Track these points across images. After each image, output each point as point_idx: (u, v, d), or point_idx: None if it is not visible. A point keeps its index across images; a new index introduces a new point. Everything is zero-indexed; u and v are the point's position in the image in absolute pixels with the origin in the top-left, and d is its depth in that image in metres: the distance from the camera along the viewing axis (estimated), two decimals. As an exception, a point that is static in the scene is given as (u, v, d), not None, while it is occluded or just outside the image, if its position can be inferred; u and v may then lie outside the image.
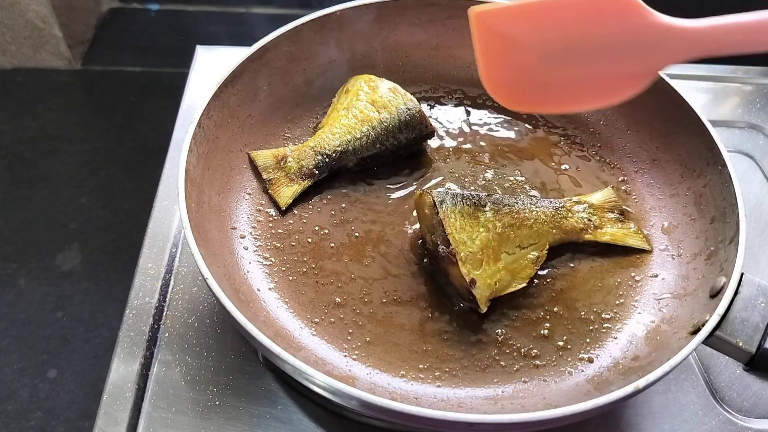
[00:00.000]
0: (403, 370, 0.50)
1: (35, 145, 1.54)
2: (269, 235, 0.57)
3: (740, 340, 0.46)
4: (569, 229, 0.57)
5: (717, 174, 0.56)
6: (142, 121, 1.61)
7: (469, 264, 0.51)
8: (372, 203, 0.60)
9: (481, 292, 0.51)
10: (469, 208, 0.53)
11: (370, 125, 0.61)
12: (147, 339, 0.55)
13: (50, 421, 1.14)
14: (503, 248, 0.53)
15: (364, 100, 0.62)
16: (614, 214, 0.59)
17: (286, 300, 0.53)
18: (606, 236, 0.58)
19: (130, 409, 0.51)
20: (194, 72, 0.77)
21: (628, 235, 0.58)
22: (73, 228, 1.40)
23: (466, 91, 0.71)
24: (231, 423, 0.50)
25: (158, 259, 0.60)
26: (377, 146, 0.61)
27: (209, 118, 0.57)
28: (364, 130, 0.61)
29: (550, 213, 0.56)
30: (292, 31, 0.63)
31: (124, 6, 1.90)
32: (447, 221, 0.51)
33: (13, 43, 1.66)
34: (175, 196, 0.51)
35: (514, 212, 0.55)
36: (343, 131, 0.61)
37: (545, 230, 0.56)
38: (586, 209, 0.58)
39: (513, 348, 0.51)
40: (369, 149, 0.61)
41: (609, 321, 0.53)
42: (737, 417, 0.54)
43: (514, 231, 0.54)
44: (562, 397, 0.48)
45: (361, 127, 0.61)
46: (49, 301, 1.29)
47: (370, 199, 0.61)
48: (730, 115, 0.77)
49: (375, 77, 0.64)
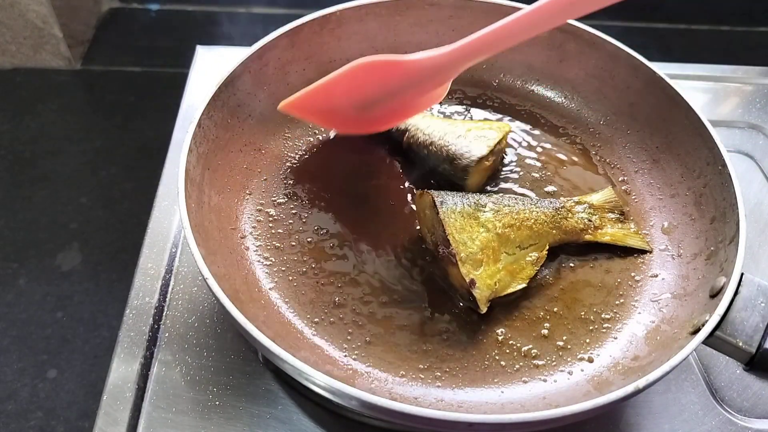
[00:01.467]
0: (403, 370, 0.50)
1: (35, 145, 1.54)
2: (269, 235, 0.57)
3: (740, 340, 0.46)
4: (569, 229, 0.57)
5: (717, 174, 0.56)
6: (142, 121, 1.61)
7: (469, 264, 0.51)
8: (372, 203, 0.60)
9: (480, 292, 0.51)
10: (469, 209, 0.53)
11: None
12: (147, 339, 0.55)
13: (50, 421, 1.14)
14: (503, 249, 0.53)
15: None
16: (614, 214, 0.59)
17: (286, 300, 0.53)
18: (606, 237, 0.58)
19: (130, 409, 0.51)
20: (194, 72, 0.77)
21: (628, 236, 0.58)
22: (73, 228, 1.40)
23: (466, 91, 0.71)
24: (231, 423, 0.50)
25: (158, 259, 0.60)
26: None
27: (209, 118, 0.57)
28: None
29: (551, 213, 0.56)
30: (292, 31, 0.63)
31: (124, 6, 1.90)
32: (447, 221, 0.51)
33: (13, 43, 1.66)
34: (175, 196, 0.51)
35: (514, 213, 0.55)
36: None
37: (545, 231, 0.55)
38: (586, 209, 0.58)
39: (513, 348, 0.51)
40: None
41: (609, 321, 0.53)
42: (737, 417, 0.54)
43: (514, 231, 0.54)
44: (562, 397, 0.48)
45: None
46: (49, 301, 1.29)
47: (370, 199, 0.60)
48: (730, 115, 0.77)
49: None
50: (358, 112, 0.60)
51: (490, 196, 0.56)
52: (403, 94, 0.58)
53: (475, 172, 0.59)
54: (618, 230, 0.58)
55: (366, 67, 0.56)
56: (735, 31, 1.85)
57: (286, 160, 0.63)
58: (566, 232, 0.57)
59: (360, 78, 0.57)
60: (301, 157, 0.63)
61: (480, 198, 0.55)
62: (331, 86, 0.58)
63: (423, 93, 0.58)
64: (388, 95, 0.58)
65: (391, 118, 0.62)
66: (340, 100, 0.60)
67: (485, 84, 0.71)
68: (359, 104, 0.59)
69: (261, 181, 0.60)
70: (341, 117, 0.61)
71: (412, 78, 0.56)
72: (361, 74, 0.56)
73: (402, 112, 0.61)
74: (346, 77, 0.56)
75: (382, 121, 0.62)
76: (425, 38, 0.70)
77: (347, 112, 0.61)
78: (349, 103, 0.60)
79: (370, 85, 0.57)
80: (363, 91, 0.58)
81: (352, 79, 0.57)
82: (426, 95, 0.59)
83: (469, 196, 0.54)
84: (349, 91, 0.58)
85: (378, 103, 0.59)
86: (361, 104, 0.59)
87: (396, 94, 0.58)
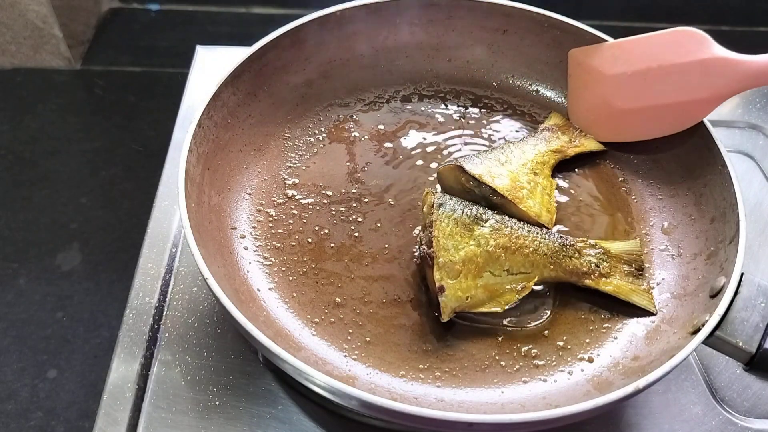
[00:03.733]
0: (403, 370, 0.50)
1: (35, 145, 1.54)
2: (269, 235, 0.57)
3: (740, 340, 0.46)
4: (570, 269, 0.53)
5: (717, 174, 0.56)
6: (142, 121, 1.61)
7: (445, 271, 0.50)
8: (373, 203, 0.60)
9: (446, 301, 0.50)
10: (466, 218, 0.52)
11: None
12: (147, 339, 0.55)
13: (50, 421, 1.14)
14: (489, 267, 0.51)
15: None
16: (631, 267, 0.55)
17: (286, 300, 0.53)
18: (609, 286, 0.54)
19: (130, 409, 0.51)
20: (194, 72, 0.77)
21: (634, 292, 0.54)
22: (73, 228, 1.40)
23: (466, 91, 0.71)
24: (231, 423, 0.50)
25: (158, 259, 0.60)
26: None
27: (209, 118, 0.57)
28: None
29: (554, 247, 0.53)
30: (292, 31, 0.63)
31: (124, 6, 1.90)
32: (437, 224, 0.51)
33: (13, 43, 1.66)
34: (175, 196, 0.51)
35: (513, 236, 0.53)
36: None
37: (541, 263, 0.53)
38: (598, 254, 0.55)
39: (513, 348, 0.51)
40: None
41: (609, 321, 0.53)
42: (737, 417, 0.54)
43: (506, 254, 0.52)
44: (562, 397, 0.48)
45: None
46: (49, 301, 1.29)
47: (370, 199, 0.60)
48: (730, 115, 0.77)
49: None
50: (618, 96, 0.62)
51: (500, 214, 0.54)
52: (677, 89, 0.58)
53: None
54: (626, 284, 0.54)
55: (689, 35, 0.57)
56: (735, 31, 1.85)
57: (286, 160, 0.63)
58: (566, 271, 0.53)
59: (677, 44, 0.58)
60: (301, 157, 0.63)
61: (485, 212, 0.53)
62: (643, 42, 0.60)
63: (694, 98, 0.58)
64: (666, 81, 0.59)
65: (639, 124, 0.62)
66: (621, 64, 0.61)
67: (485, 84, 0.71)
68: (630, 81, 0.61)
69: (261, 181, 0.60)
70: (599, 93, 0.63)
71: (710, 68, 0.56)
72: (683, 40, 0.58)
73: (654, 118, 0.61)
74: (665, 36, 0.59)
75: (626, 123, 0.63)
76: (425, 38, 0.70)
77: (610, 88, 0.62)
78: (625, 71, 0.61)
79: (665, 54, 0.58)
80: (651, 60, 0.59)
81: (670, 40, 0.58)
82: (690, 107, 0.58)
83: (473, 207, 0.53)
84: (639, 54, 0.60)
85: (645, 92, 0.60)
86: (631, 83, 0.61)
87: (674, 82, 0.58)
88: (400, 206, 0.60)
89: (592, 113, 0.65)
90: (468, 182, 0.57)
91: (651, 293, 0.54)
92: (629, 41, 0.62)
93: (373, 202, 0.60)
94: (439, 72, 0.71)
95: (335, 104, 0.68)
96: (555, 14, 0.67)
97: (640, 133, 0.64)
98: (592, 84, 0.64)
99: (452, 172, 0.58)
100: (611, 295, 0.54)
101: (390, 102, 0.69)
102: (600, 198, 0.62)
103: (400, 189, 0.61)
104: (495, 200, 0.56)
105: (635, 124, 0.63)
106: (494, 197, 0.56)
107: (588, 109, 0.66)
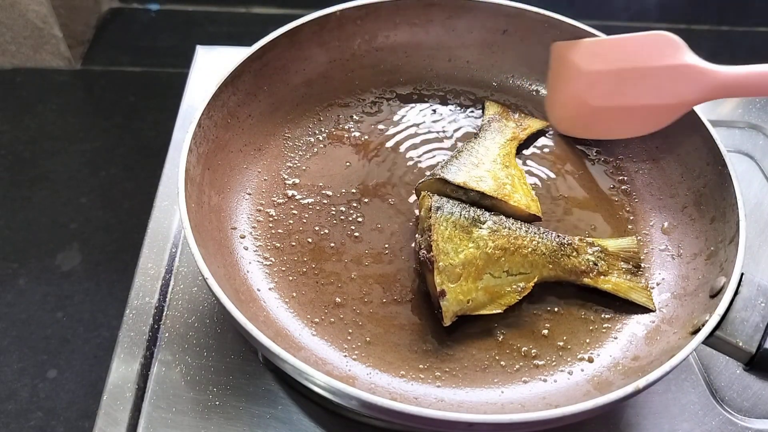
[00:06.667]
0: (403, 370, 0.50)
1: (35, 145, 1.54)
2: (269, 235, 0.57)
3: (740, 340, 0.47)
4: (569, 268, 0.54)
5: (717, 174, 0.56)
6: (142, 121, 1.61)
7: (445, 275, 0.50)
8: (373, 203, 0.60)
9: (448, 305, 0.49)
10: (464, 221, 0.52)
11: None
12: (147, 339, 0.55)
13: (50, 421, 1.14)
14: (489, 269, 0.51)
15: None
16: (628, 264, 0.55)
17: (286, 300, 0.53)
18: (608, 285, 0.54)
19: (130, 409, 0.51)
20: (194, 72, 0.77)
21: (633, 289, 0.54)
22: (73, 228, 1.40)
23: (466, 91, 0.71)
24: (231, 423, 0.50)
25: (158, 259, 0.60)
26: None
27: (209, 118, 0.57)
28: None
29: (552, 247, 0.54)
30: (292, 31, 0.63)
31: (124, 6, 1.90)
32: (436, 228, 0.51)
33: (13, 43, 1.66)
34: (175, 196, 0.51)
35: (512, 237, 0.53)
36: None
37: (540, 263, 0.53)
38: (596, 252, 0.55)
39: (513, 348, 0.51)
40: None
41: (609, 321, 0.53)
42: (737, 417, 0.54)
43: (505, 255, 0.52)
44: (562, 397, 0.48)
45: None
46: (49, 301, 1.29)
47: (370, 199, 0.60)
48: (730, 115, 0.77)
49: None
50: (591, 94, 0.62)
51: (496, 215, 0.54)
52: (648, 92, 0.59)
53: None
54: (624, 281, 0.54)
55: (666, 40, 0.58)
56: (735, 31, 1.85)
57: (286, 160, 0.63)
58: (564, 270, 0.53)
59: (653, 47, 0.58)
60: (301, 157, 0.63)
61: (483, 214, 0.53)
62: (621, 42, 0.60)
63: (664, 101, 0.59)
64: (639, 83, 0.59)
65: (610, 123, 0.63)
66: (598, 62, 0.62)
67: (485, 84, 0.71)
68: (604, 79, 0.61)
69: (261, 181, 0.60)
70: (574, 89, 0.63)
71: (681, 74, 0.57)
72: (660, 44, 0.58)
73: (625, 119, 0.62)
74: (642, 38, 0.59)
75: (597, 121, 0.63)
76: (425, 38, 0.70)
77: (584, 85, 0.63)
78: (600, 69, 0.61)
79: (640, 56, 0.59)
80: (626, 61, 0.60)
81: (646, 43, 0.59)
82: (660, 110, 0.59)
83: (471, 209, 0.53)
84: (615, 54, 0.61)
85: (617, 92, 0.61)
86: (605, 81, 0.61)
87: (646, 85, 0.59)
88: (401, 206, 0.60)
89: (566, 108, 0.66)
90: (453, 192, 0.56)
91: (649, 290, 0.54)
92: (609, 40, 0.62)
93: (373, 202, 0.60)
94: (439, 72, 0.71)
95: (335, 104, 0.68)
96: (555, 14, 0.67)
97: (608, 132, 0.64)
98: (569, 78, 0.64)
99: (434, 185, 0.57)
100: (611, 294, 0.54)
101: (390, 102, 0.69)
102: (600, 198, 0.62)
103: (401, 189, 0.61)
104: (484, 203, 0.56)
105: (604, 123, 0.63)
106: (483, 200, 0.56)
107: (563, 103, 0.66)
